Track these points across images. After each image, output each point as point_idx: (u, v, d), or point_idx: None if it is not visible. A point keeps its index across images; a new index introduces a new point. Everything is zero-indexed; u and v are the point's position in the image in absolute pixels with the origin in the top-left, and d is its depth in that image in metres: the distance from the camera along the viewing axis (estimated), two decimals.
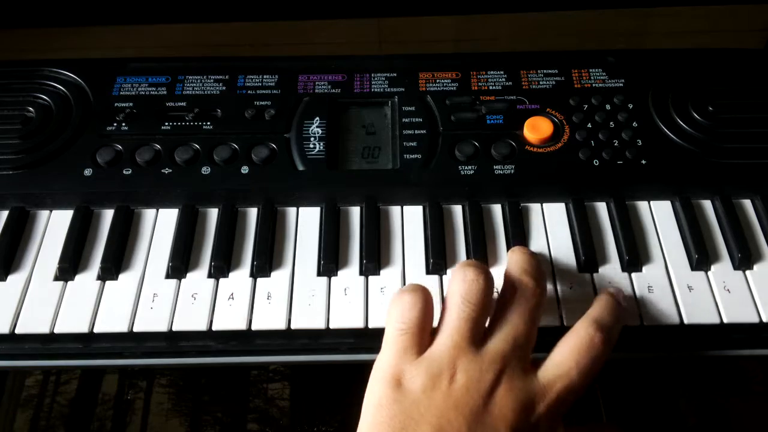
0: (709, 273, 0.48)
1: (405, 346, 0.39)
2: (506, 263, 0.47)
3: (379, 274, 0.48)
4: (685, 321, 0.46)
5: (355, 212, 0.52)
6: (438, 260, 0.48)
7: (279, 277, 0.48)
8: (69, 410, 0.61)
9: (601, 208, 0.52)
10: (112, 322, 0.46)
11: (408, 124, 0.54)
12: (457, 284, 0.41)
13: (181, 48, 0.77)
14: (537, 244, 0.50)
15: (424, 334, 0.40)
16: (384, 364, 0.40)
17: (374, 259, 0.48)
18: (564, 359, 0.40)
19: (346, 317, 0.46)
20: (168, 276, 0.48)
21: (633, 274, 0.48)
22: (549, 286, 0.48)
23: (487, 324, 0.41)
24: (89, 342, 0.46)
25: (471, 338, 0.39)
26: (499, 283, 0.44)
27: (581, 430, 0.43)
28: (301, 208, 0.52)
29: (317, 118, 0.55)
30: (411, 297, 0.41)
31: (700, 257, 0.48)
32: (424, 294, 0.41)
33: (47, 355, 0.46)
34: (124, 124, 0.55)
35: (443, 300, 0.42)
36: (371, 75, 0.58)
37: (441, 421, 0.37)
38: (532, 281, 0.42)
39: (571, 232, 0.51)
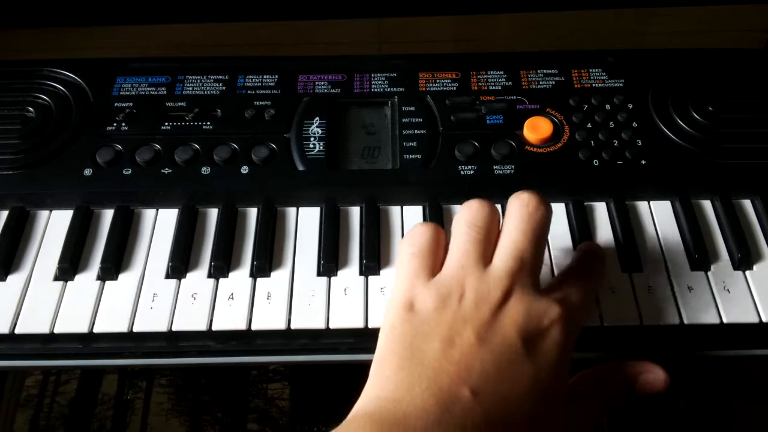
0: (709, 273, 0.48)
1: (416, 269, 0.41)
2: None
3: (379, 274, 0.48)
4: (685, 321, 0.46)
5: (355, 212, 0.52)
6: None
7: (279, 277, 0.48)
8: (69, 410, 0.61)
9: (601, 208, 0.52)
10: (112, 322, 0.46)
11: (408, 124, 0.54)
12: (463, 213, 0.42)
13: (181, 48, 0.77)
14: None
15: (435, 258, 0.41)
16: (397, 290, 0.41)
17: (374, 259, 0.48)
18: (567, 281, 0.42)
19: (346, 317, 0.46)
20: (168, 276, 0.49)
21: (633, 274, 0.48)
22: None
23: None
24: (89, 342, 0.46)
25: (478, 259, 0.40)
26: None
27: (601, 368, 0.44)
28: (301, 208, 0.52)
29: (317, 118, 0.55)
30: (420, 226, 0.43)
31: (700, 257, 0.48)
32: (434, 225, 0.43)
33: (47, 355, 0.46)
34: (124, 124, 0.55)
35: (452, 231, 0.43)
36: (371, 75, 0.58)
37: (451, 333, 0.37)
38: (533, 199, 0.42)
39: (570, 233, 0.51)
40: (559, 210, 0.52)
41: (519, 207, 0.42)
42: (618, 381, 0.43)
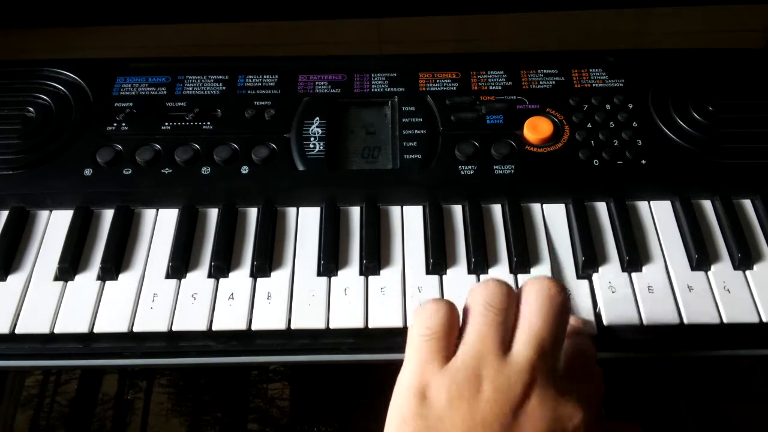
0: (709, 273, 0.48)
1: (429, 353, 0.38)
2: (506, 266, 0.47)
3: (379, 274, 0.48)
4: (685, 321, 0.46)
5: (355, 212, 0.52)
6: (438, 260, 0.48)
7: (279, 277, 0.48)
8: (69, 410, 0.61)
9: (601, 208, 0.52)
10: (112, 322, 0.46)
11: (408, 124, 0.54)
12: (479, 291, 0.39)
13: (181, 48, 0.77)
14: (537, 244, 0.50)
15: (450, 341, 0.38)
16: (408, 374, 0.38)
17: (374, 259, 0.48)
18: (575, 378, 0.40)
19: (346, 317, 0.46)
20: (168, 276, 0.49)
21: (633, 274, 0.48)
22: None
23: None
24: (89, 342, 0.46)
25: (496, 345, 0.37)
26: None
27: (601, 427, 0.42)
28: (301, 208, 0.52)
29: (317, 118, 0.55)
30: (433, 304, 0.39)
31: (700, 257, 0.48)
32: (448, 302, 0.39)
33: (47, 355, 0.46)
34: (124, 124, 0.55)
35: (464, 309, 0.40)
36: (371, 75, 0.58)
37: None
38: (554, 285, 0.39)
39: (570, 232, 0.51)
40: (559, 210, 0.52)
41: (539, 291, 0.39)
42: None
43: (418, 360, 0.38)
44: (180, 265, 0.48)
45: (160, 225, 0.51)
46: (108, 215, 0.52)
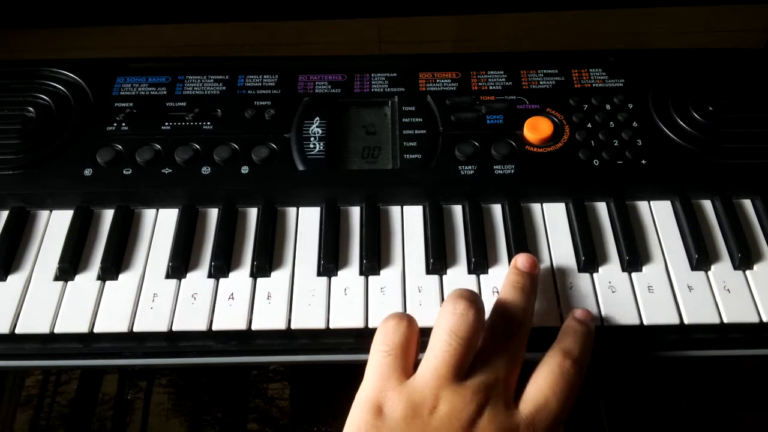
0: (709, 273, 0.48)
1: (388, 369, 0.39)
2: (506, 266, 0.47)
3: (379, 274, 0.48)
4: (685, 321, 0.46)
5: (355, 212, 0.52)
6: (438, 260, 0.48)
7: (279, 277, 0.48)
8: (69, 410, 0.61)
9: (601, 208, 0.52)
10: (112, 322, 0.46)
11: (408, 124, 0.54)
12: (446, 317, 0.41)
13: (181, 48, 0.77)
14: (537, 244, 0.50)
15: (408, 358, 0.40)
16: (366, 388, 0.40)
17: (374, 259, 0.48)
18: (541, 389, 0.40)
19: (346, 317, 0.46)
20: (168, 276, 0.49)
21: (633, 274, 0.48)
22: (549, 286, 0.48)
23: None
24: (89, 342, 0.46)
25: (455, 371, 0.39)
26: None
27: None
28: (301, 208, 0.52)
29: (317, 118, 0.55)
30: (394, 321, 0.41)
31: (700, 257, 0.48)
32: (408, 319, 0.41)
33: (47, 355, 0.46)
34: (124, 124, 0.55)
35: (434, 328, 0.41)
36: (371, 75, 0.58)
37: None
38: (517, 316, 0.42)
39: (571, 232, 0.51)
40: (559, 210, 0.52)
41: (503, 328, 0.42)
42: None
43: (377, 374, 0.40)
44: (180, 265, 0.48)
45: (160, 225, 0.51)
46: (108, 215, 0.52)
